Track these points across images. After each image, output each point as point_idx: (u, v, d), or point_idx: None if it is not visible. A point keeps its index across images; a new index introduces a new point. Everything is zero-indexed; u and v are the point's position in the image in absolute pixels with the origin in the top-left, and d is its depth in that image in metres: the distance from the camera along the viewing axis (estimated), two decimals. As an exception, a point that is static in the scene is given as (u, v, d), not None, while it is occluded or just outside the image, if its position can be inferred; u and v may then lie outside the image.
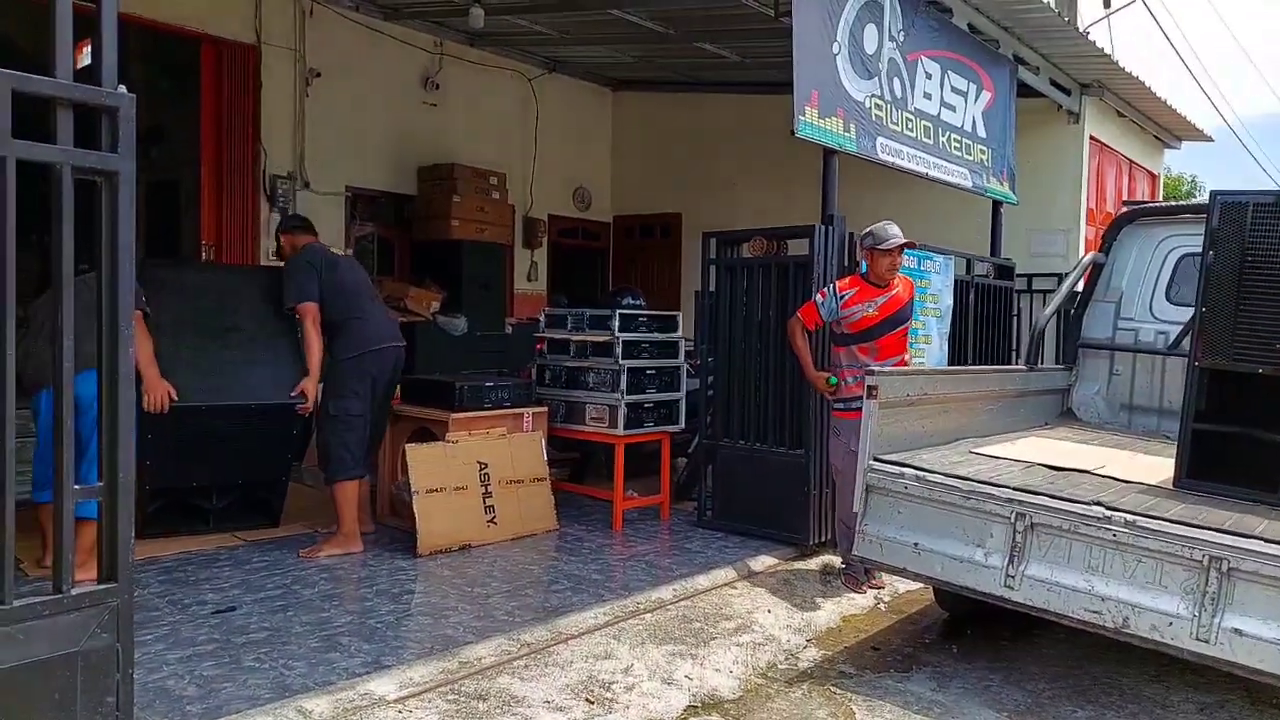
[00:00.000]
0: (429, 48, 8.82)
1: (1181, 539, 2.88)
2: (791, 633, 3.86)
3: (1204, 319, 3.44)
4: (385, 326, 4.72)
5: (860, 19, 5.01)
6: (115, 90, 2.15)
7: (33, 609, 2.04)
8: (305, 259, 4.57)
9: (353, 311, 4.57)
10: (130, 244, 2.19)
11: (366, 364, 4.51)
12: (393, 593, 3.97)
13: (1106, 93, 8.04)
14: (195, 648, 3.24)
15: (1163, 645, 2.91)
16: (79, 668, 2.09)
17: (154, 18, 6.79)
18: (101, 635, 2.13)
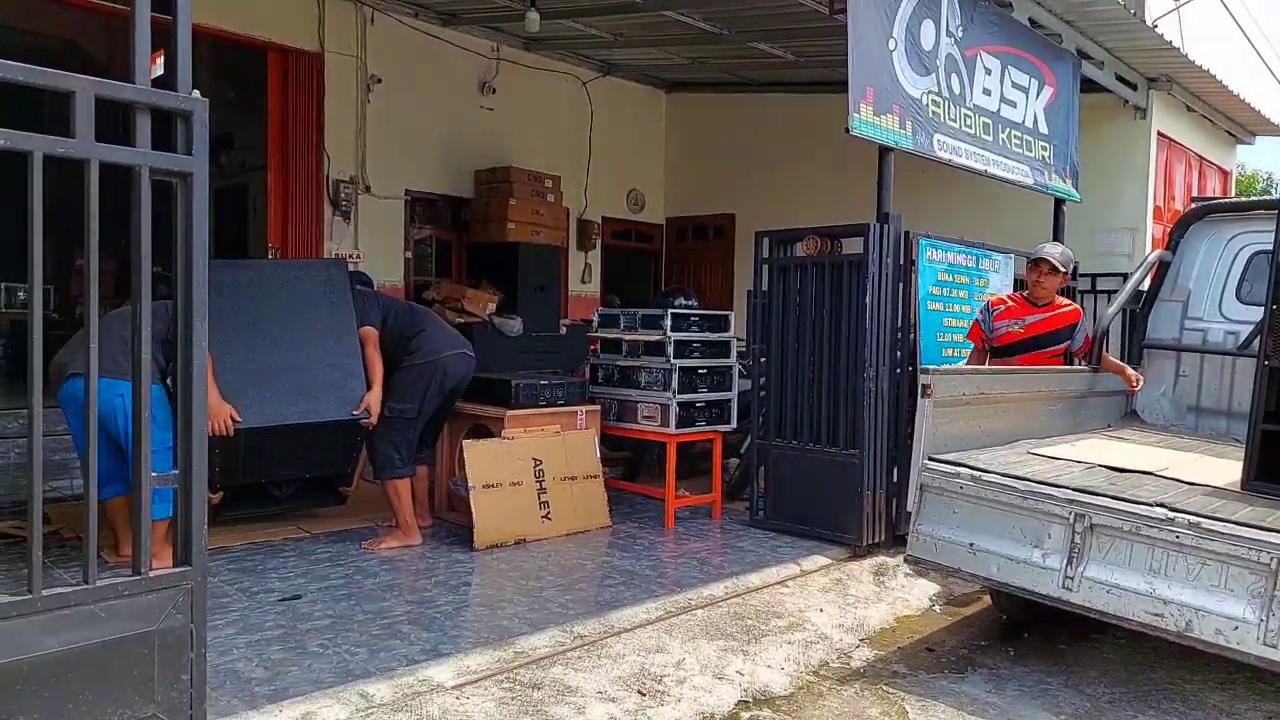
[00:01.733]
0: (485, 52, 8.97)
1: (1248, 541, 2.81)
2: (844, 632, 3.84)
3: (1275, 316, 3.34)
4: (447, 339, 4.90)
5: (917, 15, 4.96)
6: (190, 95, 2.26)
7: (114, 589, 2.15)
8: (378, 297, 5.01)
9: (414, 329, 4.80)
10: (205, 242, 2.29)
11: (427, 370, 4.66)
12: (450, 584, 4.06)
13: (1175, 87, 7.80)
14: (263, 633, 3.36)
15: (1228, 650, 2.84)
16: (156, 646, 2.20)
17: (223, 28, 7.05)
18: (177, 616, 2.24)
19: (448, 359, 4.71)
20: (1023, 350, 4.59)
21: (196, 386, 2.31)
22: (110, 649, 2.11)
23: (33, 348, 2.05)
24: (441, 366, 4.69)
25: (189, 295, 2.28)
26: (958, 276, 5.41)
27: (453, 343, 4.84)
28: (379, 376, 4.52)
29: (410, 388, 4.63)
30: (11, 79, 1.98)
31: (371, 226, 8.20)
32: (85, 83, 2.08)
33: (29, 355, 2.06)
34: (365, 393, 4.49)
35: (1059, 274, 4.60)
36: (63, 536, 4.31)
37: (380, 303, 4.84)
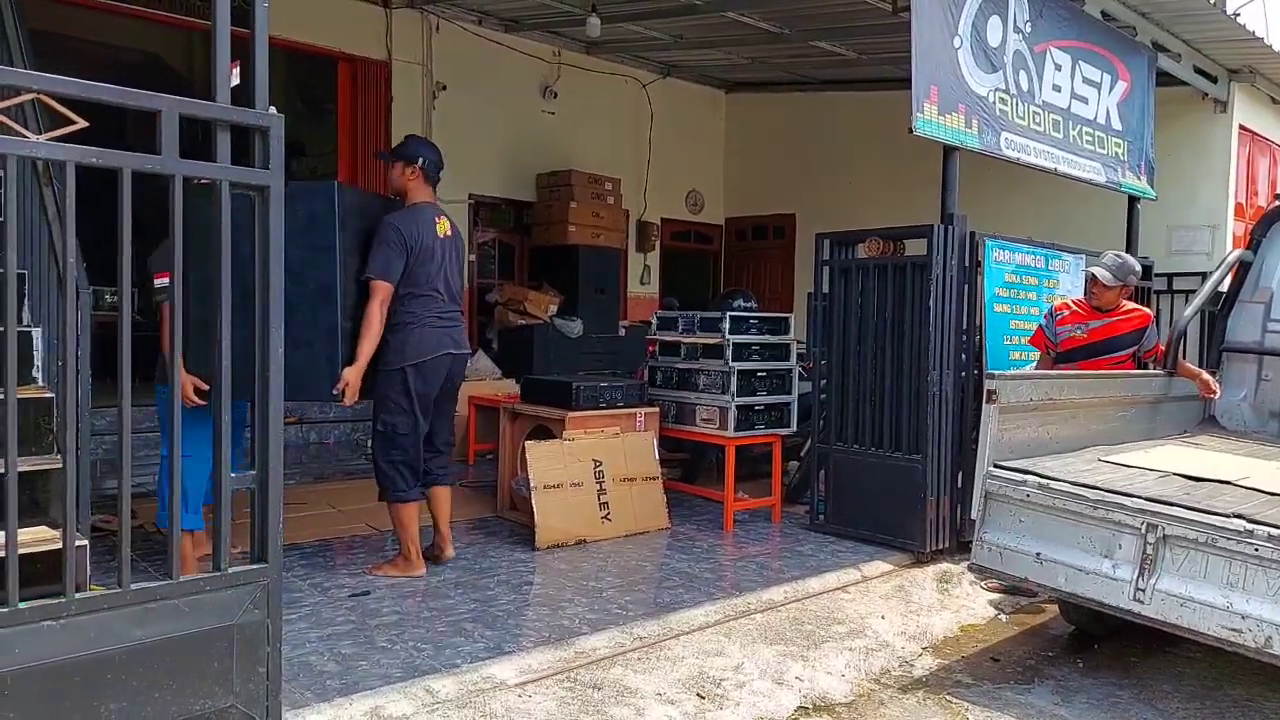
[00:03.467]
0: (547, 57, 9.08)
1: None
2: (906, 639, 3.80)
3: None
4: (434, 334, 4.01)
5: (983, 11, 4.87)
6: (267, 111, 2.36)
7: (195, 584, 2.26)
8: (399, 229, 3.87)
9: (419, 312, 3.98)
10: (280, 252, 2.39)
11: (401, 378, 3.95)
12: (512, 583, 4.14)
13: (1259, 78, 7.49)
14: (334, 627, 3.47)
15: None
16: (235, 639, 2.30)
17: (294, 38, 7.28)
18: (254, 611, 2.34)
19: (426, 366, 3.97)
20: (1084, 356, 4.49)
21: (273, 392, 2.40)
22: (192, 641, 2.22)
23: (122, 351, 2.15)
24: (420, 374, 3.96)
25: (266, 304, 2.38)
26: (1025, 278, 5.30)
27: (438, 340, 4.00)
28: (369, 345, 3.75)
29: (391, 398, 3.97)
30: (102, 99, 2.09)
31: (436, 230, 8.37)
32: (170, 102, 2.19)
33: (118, 358, 2.17)
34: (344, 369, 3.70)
35: (1115, 288, 4.48)
36: (147, 531, 4.50)
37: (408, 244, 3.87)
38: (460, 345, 4.15)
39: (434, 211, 4.06)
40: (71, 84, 2.05)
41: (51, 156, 2.12)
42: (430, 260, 3.94)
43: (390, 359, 3.91)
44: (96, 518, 4.68)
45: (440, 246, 4.02)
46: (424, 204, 4.05)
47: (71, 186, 2.09)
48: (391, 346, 3.91)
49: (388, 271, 3.81)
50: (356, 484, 6.12)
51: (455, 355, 4.11)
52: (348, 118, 8.11)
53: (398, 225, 3.87)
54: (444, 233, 4.05)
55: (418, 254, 3.89)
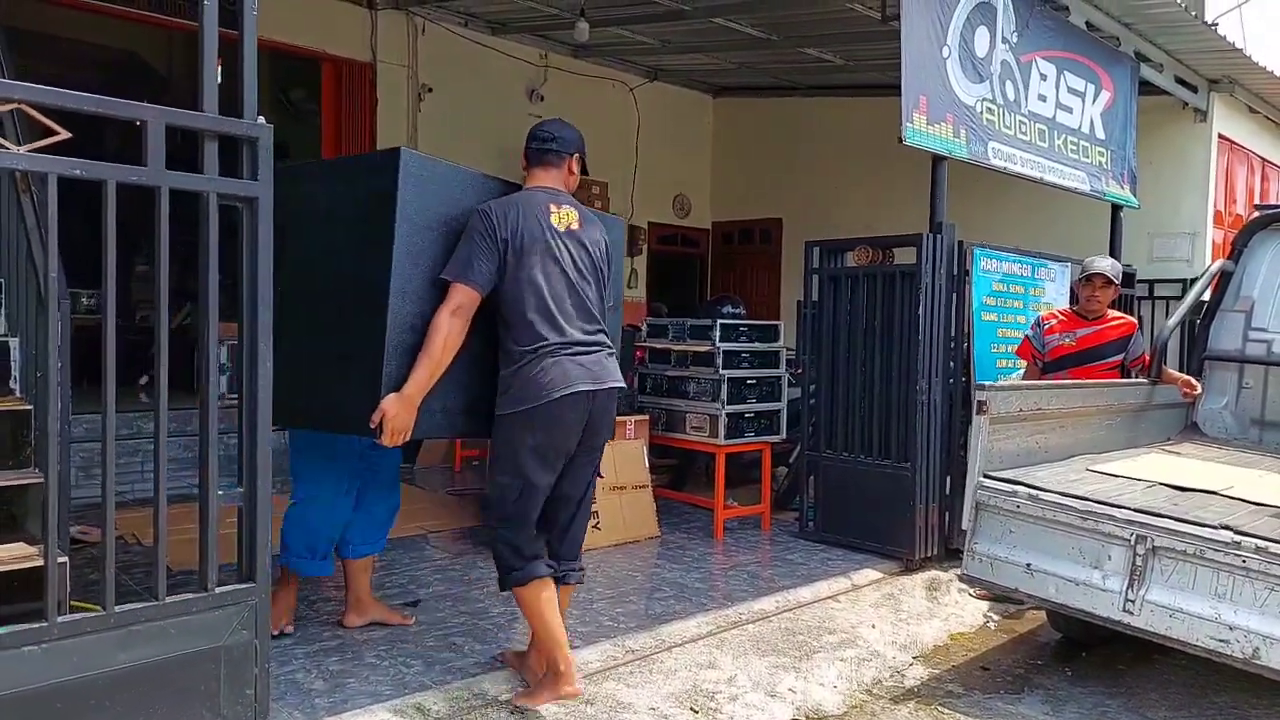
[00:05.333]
0: (534, 60, 9.04)
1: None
2: (897, 649, 3.80)
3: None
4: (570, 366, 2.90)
5: (971, 22, 4.89)
6: (255, 122, 2.32)
7: (182, 605, 2.22)
8: (489, 216, 2.86)
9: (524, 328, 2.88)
10: (270, 264, 2.35)
11: (521, 424, 2.87)
12: (503, 595, 4.04)
13: (1238, 88, 7.57)
14: (321, 643, 3.42)
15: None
16: (222, 661, 2.26)
17: (276, 39, 7.19)
18: (242, 631, 2.30)
19: (553, 406, 2.84)
20: (1074, 364, 4.53)
21: (261, 405, 2.36)
22: (179, 664, 2.18)
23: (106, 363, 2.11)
24: (542, 418, 2.85)
25: (254, 316, 2.34)
26: (1013, 286, 5.32)
27: (561, 374, 2.86)
28: (426, 368, 2.72)
29: (504, 447, 2.93)
30: (87, 110, 2.05)
31: (421, 234, 8.30)
32: (156, 112, 2.14)
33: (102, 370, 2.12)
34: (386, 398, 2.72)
35: (1112, 286, 4.54)
36: (127, 543, 4.43)
37: (502, 237, 2.84)
38: (600, 378, 2.93)
39: (548, 197, 2.99)
40: (55, 94, 2.00)
41: (33, 168, 2.07)
42: (541, 260, 2.87)
43: (499, 401, 2.90)
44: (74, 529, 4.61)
45: (560, 243, 2.93)
46: (535, 188, 3.03)
47: (54, 199, 2.04)
48: (500, 383, 2.91)
49: (467, 271, 2.78)
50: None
51: (593, 394, 2.90)
52: (332, 120, 8.02)
53: (488, 211, 2.85)
54: (565, 225, 2.97)
55: (519, 251, 2.84)
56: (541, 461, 2.88)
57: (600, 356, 2.97)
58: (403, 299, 2.75)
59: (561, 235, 2.94)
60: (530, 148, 3.09)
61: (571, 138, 3.09)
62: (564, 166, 3.06)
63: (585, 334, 2.94)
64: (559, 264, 2.91)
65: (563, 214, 2.98)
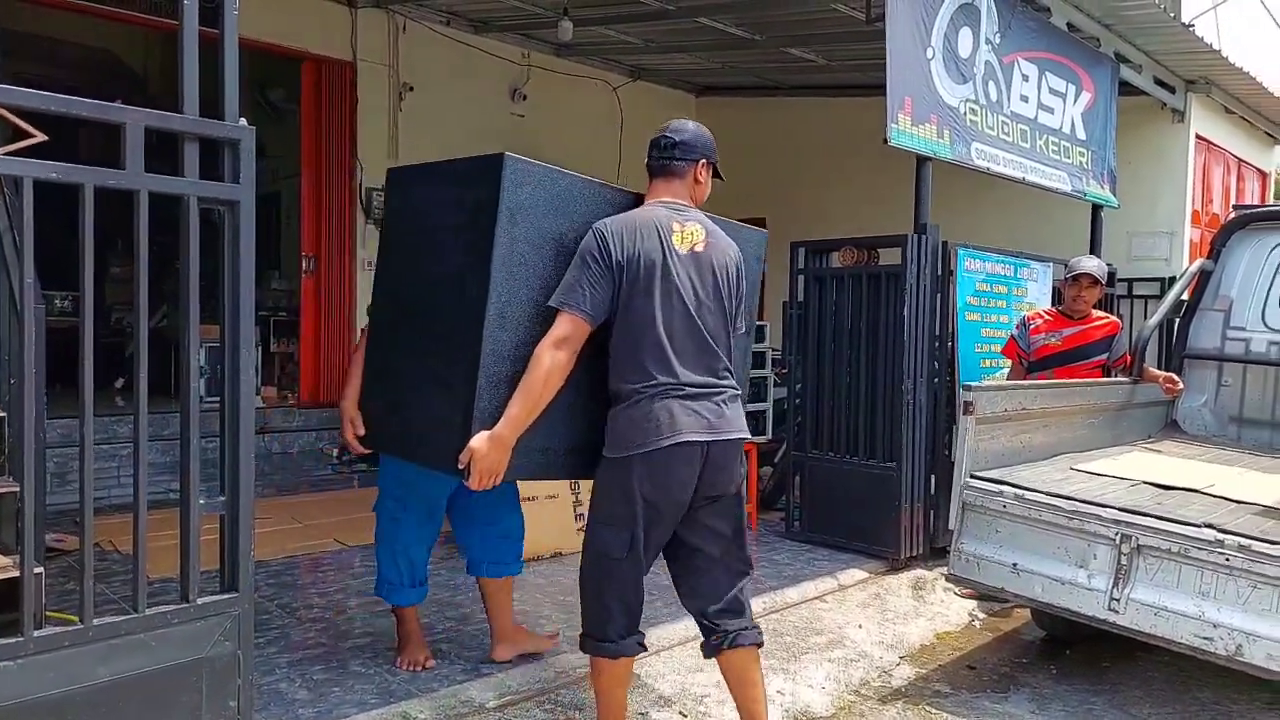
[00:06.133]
0: (516, 59, 8.99)
1: (1306, 565, 2.75)
2: (884, 649, 3.80)
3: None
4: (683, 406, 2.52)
5: (955, 23, 4.90)
6: (237, 124, 2.27)
7: (163, 618, 2.17)
8: (604, 236, 2.53)
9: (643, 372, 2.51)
10: (251, 269, 2.31)
11: (622, 473, 2.52)
12: (486, 599, 4.06)
13: (1214, 89, 7.65)
14: (305, 651, 3.39)
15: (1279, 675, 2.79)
16: (204, 673, 2.21)
17: (256, 37, 7.11)
18: (224, 643, 2.25)
19: (659, 455, 2.48)
20: (1060, 363, 4.56)
21: (243, 412, 2.32)
22: (160, 677, 2.13)
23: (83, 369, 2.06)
24: (646, 467, 2.49)
25: (235, 323, 2.29)
26: (996, 286, 5.35)
27: (674, 418, 2.49)
28: (523, 405, 2.41)
29: (605, 494, 2.59)
30: (65, 112, 2.00)
31: (404, 234, 8.25)
32: (135, 114, 2.09)
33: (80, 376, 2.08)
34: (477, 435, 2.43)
35: (1098, 286, 4.58)
36: (103, 550, 4.36)
37: (626, 261, 2.50)
38: (717, 427, 2.54)
39: (671, 214, 2.62)
40: (29, 95, 1.95)
41: (8, 172, 2.02)
42: (658, 288, 2.51)
43: (607, 441, 2.56)
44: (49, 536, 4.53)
45: (681, 267, 2.56)
46: (656, 203, 2.67)
47: (29, 204, 1.99)
48: (608, 424, 2.56)
49: (576, 299, 2.44)
50: (322, 496, 6.01)
51: (707, 445, 2.51)
52: (311, 119, 7.94)
53: (603, 230, 2.52)
54: (688, 245, 2.59)
55: (634, 278, 2.49)
56: (647, 515, 2.49)
57: (720, 401, 2.57)
58: (501, 325, 2.44)
59: (683, 258, 2.57)
60: (651, 157, 2.74)
61: (697, 142, 2.75)
62: (689, 176, 2.72)
63: (703, 374, 2.55)
64: (678, 292, 2.54)
65: (687, 232, 2.60)
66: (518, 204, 2.47)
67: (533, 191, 2.51)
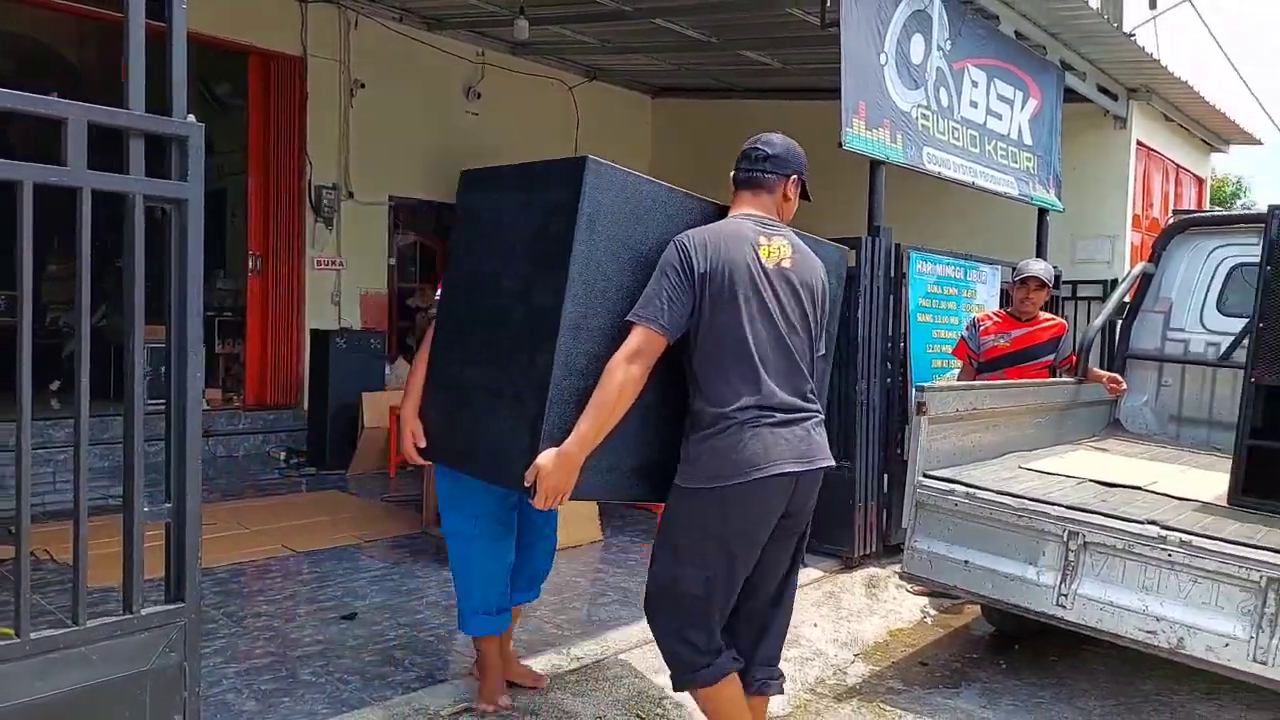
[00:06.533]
0: (471, 57, 8.91)
1: (1238, 559, 2.85)
2: (839, 647, 3.84)
3: (1261, 334, 3.38)
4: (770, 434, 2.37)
5: (907, 30, 4.97)
6: (185, 120, 2.21)
7: (104, 629, 2.10)
8: (686, 249, 2.38)
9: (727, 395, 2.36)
10: (199, 270, 2.24)
11: (703, 504, 2.37)
12: (443, 605, 4.01)
13: (1154, 97, 7.89)
14: (252, 661, 3.30)
15: (1218, 667, 2.88)
16: (148, 687, 2.15)
17: (202, 31, 6.94)
18: (170, 655, 2.19)
19: (750, 488, 2.34)
20: (1009, 364, 4.66)
21: (190, 416, 2.26)
22: (101, 692, 2.06)
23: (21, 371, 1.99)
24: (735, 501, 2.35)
25: (182, 325, 2.23)
26: (946, 289, 5.44)
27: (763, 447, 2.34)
28: (593, 422, 2.28)
29: (682, 530, 2.44)
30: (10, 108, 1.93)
31: (354, 233, 8.13)
32: (77, 110, 2.02)
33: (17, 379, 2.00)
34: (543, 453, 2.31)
35: (1045, 289, 4.68)
36: (38, 559, 4.21)
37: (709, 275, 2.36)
38: (809, 455, 2.42)
39: (758, 228, 2.49)
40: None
41: (-60, 167, 1.94)
42: (744, 305, 2.37)
43: (683, 470, 2.40)
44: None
45: (769, 285, 2.42)
46: (742, 216, 2.54)
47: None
48: (686, 450, 2.41)
49: (654, 312, 2.31)
50: (269, 501, 5.88)
51: (799, 476, 2.40)
52: (259, 115, 7.79)
53: (686, 243, 2.38)
54: (775, 261, 2.46)
55: (718, 293, 2.35)
56: (731, 551, 2.36)
57: (808, 427, 2.43)
58: (575, 337, 2.30)
59: (770, 274, 2.43)
60: (739, 169, 2.60)
61: (789, 156, 2.60)
62: (778, 191, 2.57)
63: (792, 398, 2.40)
64: (766, 310, 2.40)
65: (774, 248, 2.47)
66: (597, 210, 2.33)
67: (613, 197, 2.38)
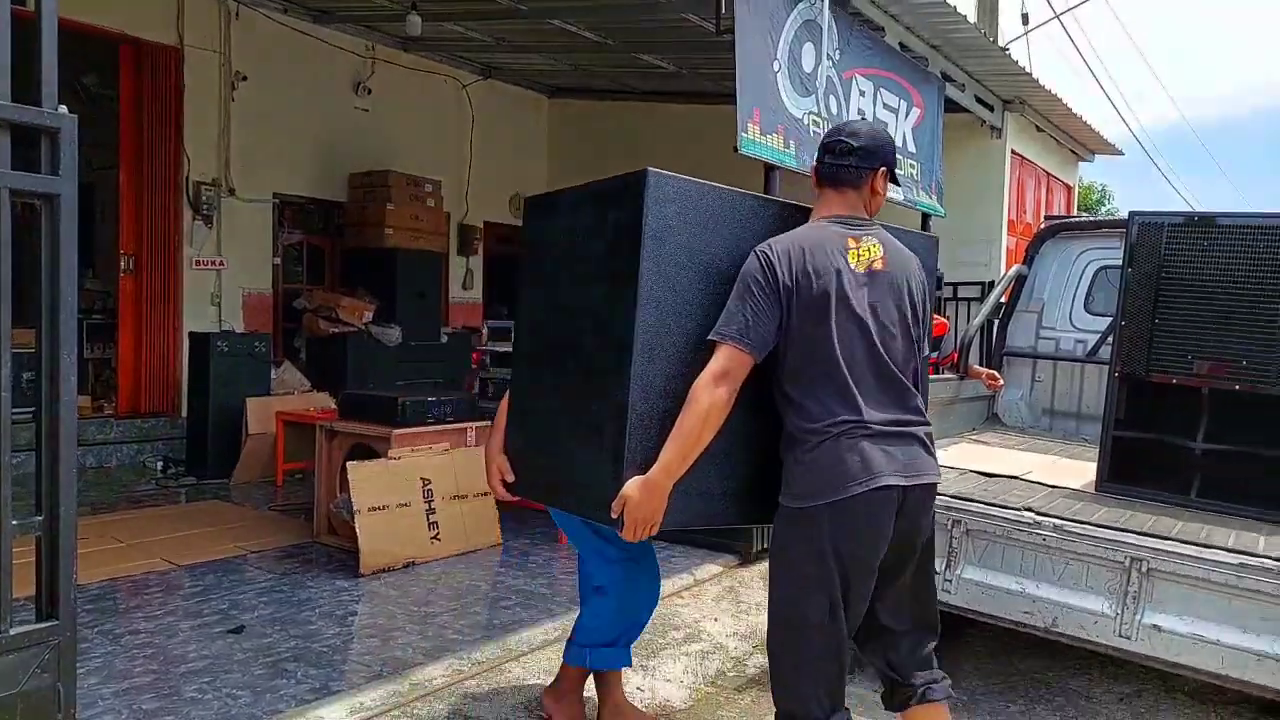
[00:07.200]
0: (360, 51, 8.68)
1: (1106, 542, 3.05)
2: (738, 640, 3.92)
3: (1123, 331, 3.64)
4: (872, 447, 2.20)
5: (799, 38, 5.12)
6: (56, 110, 2.09)
7: (-30, 651, 1.96)
8: (768, 259, 2.23)
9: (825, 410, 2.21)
10: (74, 268, 2.12)
11: (824, 525, 2.18)
12: (337, 615, 3.90)
13: (1027, 108, 8.38)
14: (131, 680, 3.13)
15: (1088, 643, 3.07)
16: (18, 710, 2.02)
17: (68, 16, 6.53)
18: (43, 675, 2.06)
19: (851, 505, 2.17)
20: None
21: (65, 424, 2.13)
22: (-33, 718, 1.93)
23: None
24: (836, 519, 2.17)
25: (54, 326, 2.10)
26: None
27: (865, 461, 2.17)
28: (679, 448, 2.14)
29: (784, 554, 2.27)
30: None
31: (236, 231, 7.79)
32: (-68, 96, 1.88)
33: None
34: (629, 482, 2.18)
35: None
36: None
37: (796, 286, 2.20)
38: (915, 469, 2.24)
39: (844, 230, 2.32)
40: None
41: None
42: (834, 315, 2.21)
43: (783, 491, 2.25)
44: None
45: (861, 291, 2.26)
46: (826, 220, 2.36)
47: None
48: (786, 471, 2.26)
49: (738, 330, 2.16)
50: (145, 513, 5.59)
51: (904, 490, 2.21)
52: (131, 107, 7.37)
53: (767, 253, 2.23)
54: (866, 264, 2.30)
55: (806, 305, 2.20)
56: (843, 572, 2.18)
57: (912, 440, 2.26)
58: (650, 359, 2.19)
59: (862, 279, 2.27)
60: (823, 164, 2.39)
61: (876, 147, 2.38)
62: (866, 186, 2.37)
63: (892, 409, 2.24)
64: (859, 320, 2.23)
65: (864, 250, 2.30)
66: (663, 224, 2.21)
67: (679, 209, 2.25)
